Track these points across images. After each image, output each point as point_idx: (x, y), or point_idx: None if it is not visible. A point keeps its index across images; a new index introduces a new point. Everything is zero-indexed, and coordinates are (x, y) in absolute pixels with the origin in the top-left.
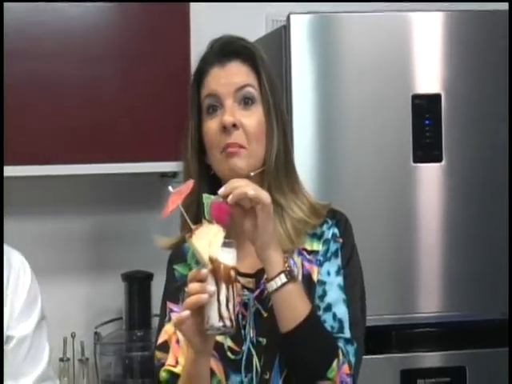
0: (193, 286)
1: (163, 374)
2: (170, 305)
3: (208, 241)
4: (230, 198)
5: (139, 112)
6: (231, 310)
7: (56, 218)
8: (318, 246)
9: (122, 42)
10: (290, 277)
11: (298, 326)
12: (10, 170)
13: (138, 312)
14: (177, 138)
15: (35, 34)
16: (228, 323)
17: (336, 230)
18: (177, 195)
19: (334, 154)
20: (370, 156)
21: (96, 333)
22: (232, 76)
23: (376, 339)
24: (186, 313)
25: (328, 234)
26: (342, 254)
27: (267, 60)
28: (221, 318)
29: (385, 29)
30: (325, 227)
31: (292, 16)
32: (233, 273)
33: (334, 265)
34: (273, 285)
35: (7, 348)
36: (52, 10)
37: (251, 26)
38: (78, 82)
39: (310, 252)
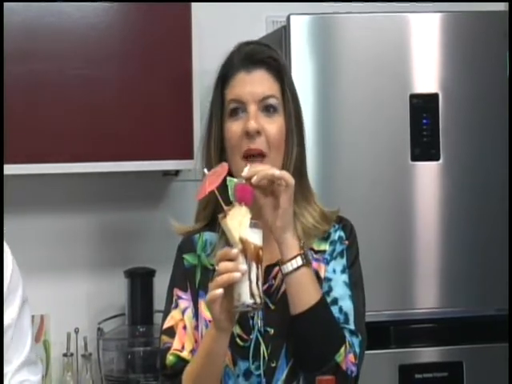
0: (224, 265)
1: (170, 358)
2: (177, 292)
3: (238, 221)
4: (255, 178)
5: (142, 111)
6: (260, 288)
7: (59, 216)
8: (324, 247)
9: (124, 42)
10: (306, 261)
11: (311, 308)
12: (15, 169)
13: (141, 308)
14: (179, 136)
15: (36, 34)
16: (258, 300)
17: (342, 234)
18: (213, 177)
19: (333, 152)
20: (368, 154)
21: (99, 328)
22: (257, 84)
23: (374, 335)
24: (220, 291)
25: (334, 236)
26: (347, 255)
27: (288, 67)
28: (252, 295)
29: (383, 30)
30: (332, 230)
31: (292, 17)
32: (261, 252)
33: (339, 264)
34: (288, 266)
35: None
36: (53, 10)
37: (251, 26)
38: (83, 81)
39: (317, 252)
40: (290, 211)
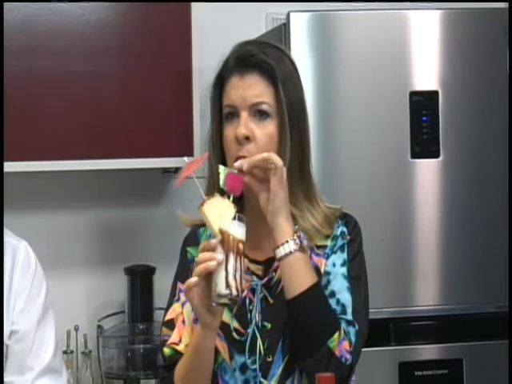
0: (202, 255)
1: (166, 350)
2: (180, 285)
3: (219, 213)
4: (246, 165)
5: (141, 109)
6: (238, 281)
7: (60, 213)
8: (326, 242)
9: (125, 40)
10: (299, 246)
11: (303, 292)
12: (15, 166)
13: (141, 305)
14: (179, 134)
15: (36, 31)
16: (234, 292)
17: (345, 229)
18: (192, 164)
19: (333, 150)
20: (368, 152)
21: (99, 326)
22: (249, 89)
23: (374, 332)
24: (195, 279)
25: (337, 232)
26: (348, 249)
27: (293, 65)
28: (228, 286)
29: (383, 27)
30: (334, 226)
31: (292, 14)
32: (241, 245)
33: (339, 258)
34: (281, 251)
35: (12, 341)
36: (54, 9)
37: (251, 24)
38: (83, 78)
39: (319, 247)
40: (280, 195)
